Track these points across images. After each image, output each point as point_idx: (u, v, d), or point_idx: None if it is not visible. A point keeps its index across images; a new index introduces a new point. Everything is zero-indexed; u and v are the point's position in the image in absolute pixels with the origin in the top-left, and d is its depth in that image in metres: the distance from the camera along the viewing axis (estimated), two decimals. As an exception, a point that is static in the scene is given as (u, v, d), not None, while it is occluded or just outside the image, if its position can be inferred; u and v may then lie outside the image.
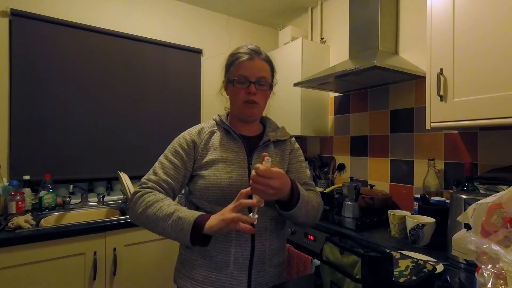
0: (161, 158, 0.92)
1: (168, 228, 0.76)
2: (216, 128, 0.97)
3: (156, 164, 0.91)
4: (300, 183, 0.94)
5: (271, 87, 0.96)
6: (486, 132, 1.40)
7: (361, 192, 1.66)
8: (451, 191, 1.44)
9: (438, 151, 1.58)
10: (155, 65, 2.21)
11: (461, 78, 1.16)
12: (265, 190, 0.72)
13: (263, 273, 0.89)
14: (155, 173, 0.89)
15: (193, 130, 0.96)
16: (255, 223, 0.72)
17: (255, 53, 0.92)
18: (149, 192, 0.84)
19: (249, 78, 0.89)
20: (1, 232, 1.29)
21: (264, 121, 1.04)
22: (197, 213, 0.76)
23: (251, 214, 0.72)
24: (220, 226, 0.71)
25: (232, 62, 0.93)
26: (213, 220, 0.73)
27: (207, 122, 1.00)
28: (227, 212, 0.72)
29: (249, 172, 0.89)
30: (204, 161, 0.90)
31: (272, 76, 0.98)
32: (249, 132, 0.98)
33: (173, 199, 0.87)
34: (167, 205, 0.80)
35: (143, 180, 0.88)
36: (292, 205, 0.81)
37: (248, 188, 0.73)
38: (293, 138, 1.06)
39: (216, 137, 0.94)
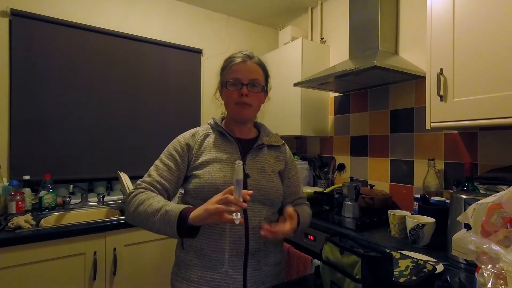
0: (156, 161, 0.95)
1: (157, 222, 0.79)
2: (211, 131, 1.00)
3: (151, 168, 0.94)
4: (296, 197, 1.03)
5: (263, 90, 0.98)
6: (486, 132, 1.40)
7: (361, 192, 1.66)
8: (451, 191, 1.44)
9: (438, 151, 1.58)
10: (155, 65, 2.21)
11: (461, 78, 1.16)
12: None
13: (258, 272, 0.90)
14: (149, 175, 0.92)
15: (187, 133, 0.99)
16: (237, 223, 0.73)
17: (248, 57, 0.95)
18: (142, 192, 0.87)
19: (241, 80, 0.92)
20: (1, 232, 1.29)
21: (258, 126, 1.08)
22: (183, 206, 0.79)
23: (234, 215, 0.72)
24: (203, 216, 0.73)
25: (226, 66, 0.97)
26: (197, 211, 0.75)
27: (202, 126, 1.04)
28: (210, 204, 0.73)
29: (244, 172, 0.91)
30: (198, 161, 0.92)
31: (266, 81, 1.00)
32: (243, 135, 1.01)
33: (168, 200, 0.90)
34: (157, 201, 0.82)
35: (138, 182, 0.92)
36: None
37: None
38: (287, 147, 1.09)
39: (211, 139, 0.97)
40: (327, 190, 1.93)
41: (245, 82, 0.92)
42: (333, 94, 2.24)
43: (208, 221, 0.74)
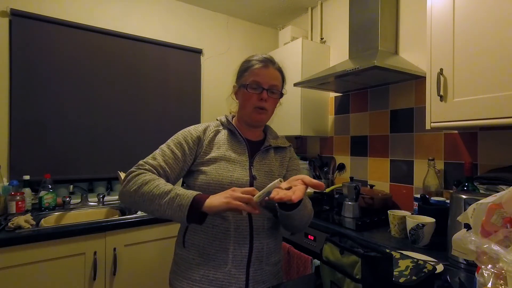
0: (163, 146, 0.93)
1: (164, 204, 0.76)
2: (221, 127, 1.00)
3: (157, 151, 0.92)
4: None
5: (281, 95, 0.99)
6: (486, 132, 1.40)
7: (361, 192, 1.66)
8: (451, 191, 1.44)
9: (438, 151, 1.57)
10: (155, 65, 2.21)
11: (461, 78, 1.16)
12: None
13: (260, 272, 0.90)
14: (154, 158, 0.89)
15: (199, 127, 0.98)
16: (244, 214, 0.74)
17: (270, 61, 0.96)
18: (145, 173, 0.84)
19: (262, 84, 0.93)
20: (1, 232, 1.29)
21: (265, 128, 1.08)
22: (195, 192, 0.77)
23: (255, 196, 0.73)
24: (222, 209, 0.72)
25: (247, 68, 0.96)
26: (215, 201, 0.73)
27: (212, 122, 1.03)
28: (232, 199, 0.71)
29: (250, 173, 0.92)
30: (207, 157, 0.92)
31: (282, 86, 1.01)
32: (252, 137, 1.01)
33: None
34: (164, 183, 0.80)
35: (140, 162, 0.88)
36: (294, 207, 0.83)
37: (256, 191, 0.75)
38: (292, 148, 1.10)
39: (221, 136, 0.97)
40: (327, 190, 1.93)
41: (266, 87, 0.93)
42: (333, 94, 2.24)
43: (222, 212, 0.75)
